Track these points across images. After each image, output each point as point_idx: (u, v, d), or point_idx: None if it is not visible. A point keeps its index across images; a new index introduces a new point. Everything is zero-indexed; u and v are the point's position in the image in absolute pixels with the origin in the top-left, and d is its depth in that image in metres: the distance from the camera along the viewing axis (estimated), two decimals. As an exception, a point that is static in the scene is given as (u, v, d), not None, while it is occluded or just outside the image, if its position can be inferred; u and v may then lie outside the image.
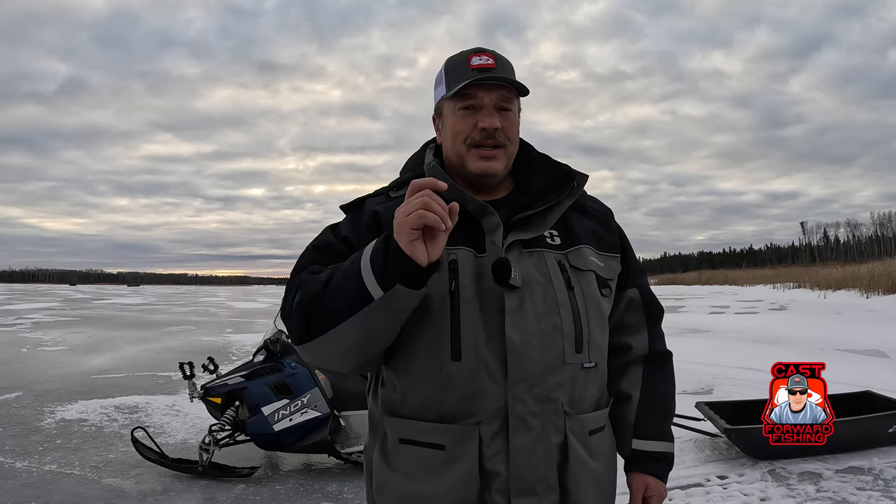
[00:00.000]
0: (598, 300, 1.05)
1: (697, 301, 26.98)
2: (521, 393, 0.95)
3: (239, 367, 4.00)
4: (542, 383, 0.96)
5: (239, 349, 10.28)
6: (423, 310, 0.95)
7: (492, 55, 1.05)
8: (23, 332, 13.61)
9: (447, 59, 1.09)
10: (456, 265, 0.98)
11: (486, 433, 0.95)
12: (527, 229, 1.02)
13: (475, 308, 0.96)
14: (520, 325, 0.95)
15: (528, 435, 0.95)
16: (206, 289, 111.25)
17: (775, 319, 15.54)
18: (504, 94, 1.04)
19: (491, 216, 1.02)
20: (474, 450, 0.95)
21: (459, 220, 0.96)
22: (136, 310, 24.82)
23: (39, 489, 3.47)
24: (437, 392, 0.97)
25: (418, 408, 0.99)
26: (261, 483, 3.62)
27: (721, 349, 9.40)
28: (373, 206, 1.07)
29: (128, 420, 5.10)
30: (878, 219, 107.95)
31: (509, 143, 1.06)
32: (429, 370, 0.97)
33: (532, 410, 0.96)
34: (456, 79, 1.03)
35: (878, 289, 22.37)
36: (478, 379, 0.95)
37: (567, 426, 0.99)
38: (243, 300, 38.27)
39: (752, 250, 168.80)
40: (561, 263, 1.02)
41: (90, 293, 56.04)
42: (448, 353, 0.95)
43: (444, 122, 1.08)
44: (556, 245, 1.04)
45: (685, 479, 3.54)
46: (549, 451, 0.97)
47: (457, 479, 0.95)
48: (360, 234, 1.03)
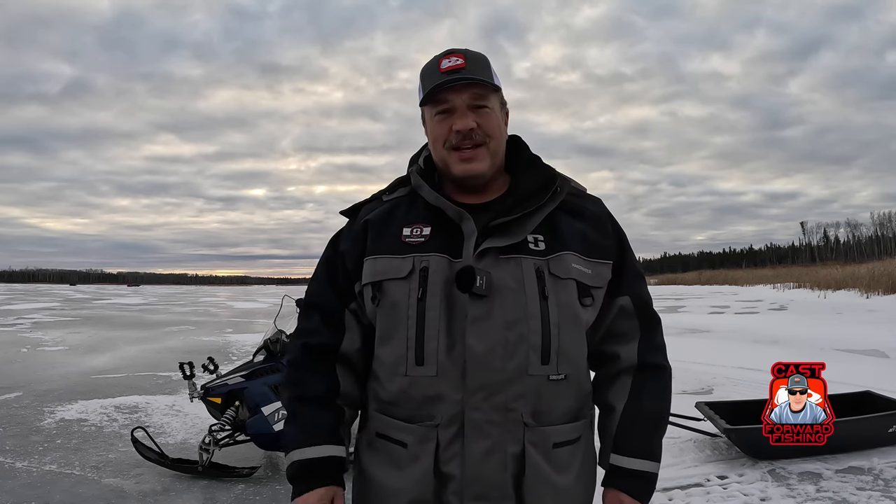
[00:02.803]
0: (574, 310, 1.02)
1: (697, 301, 26.98)
2: (479, 401, 0.96)
3: (239, 367, 4.00)
4: (502, 392, 0.97)
5: (239, 349, 10.27)
6: (393, 316, 1.01)
7: (462, 55, 1.05)
8: (23, 332, 13.60)
9: (423, 66, 1.10)
10: (426, 272, 1.00)
11: (443, 437, 0.98)
12: (504, 235, 1.01)
13: (441, 315, 0.98)
14: (482, 334, 0.96)
15: (484, 443, 0.97)
16: (206, 289, 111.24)
17: (775, 319, 15.54)
18: (477, 93, 1.04)
19: (467, 222, 1.02)
20: (431, 451, 0.98)
21: (440, 224, 1.04)
22: (136, 310, 24.82)
23: (39, 489, 3.47)
24: (403, 393, 1.01)
25: (390, 405, 1.04)
26: (261, 483, 3.62)
27: (721, 349, 9.39)
28: (365, 216, 1.12)
29: (128, 420, 5.10)
30: (878, 219, 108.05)
31: (490, 140, 1.06)
32: (397, 372, 1.01)
33: (490, 419, 0.97)
34: (428, 84, 1.05)
35: (878, 289, 22.37)
36: (437, 384, 0.98)
37: (526, 437, 0.98)
38: (243, 300, 38.26)
39: (752, 250, 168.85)
40: (539, 270, 1.00)
41: (90, 293, 56.03)
42: (413, 358, 0.99)
43: (427, 128, 1.11)
44: (539, 251, 1.02)
45: (685, 479, 3.54)
46: (505, 461, 0.98)
47: (415, 477, 0.99)
48: (351, 247, 1.10)
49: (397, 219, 1.08)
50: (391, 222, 1.08)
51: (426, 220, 1.06)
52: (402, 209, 1.09)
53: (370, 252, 1.06)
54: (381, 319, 1.04)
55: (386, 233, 1.07)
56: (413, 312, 0.99)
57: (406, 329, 0.99)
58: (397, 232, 1.06)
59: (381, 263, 1.04)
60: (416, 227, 1.05)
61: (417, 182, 1.10)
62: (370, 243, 1.07)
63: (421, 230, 1.04)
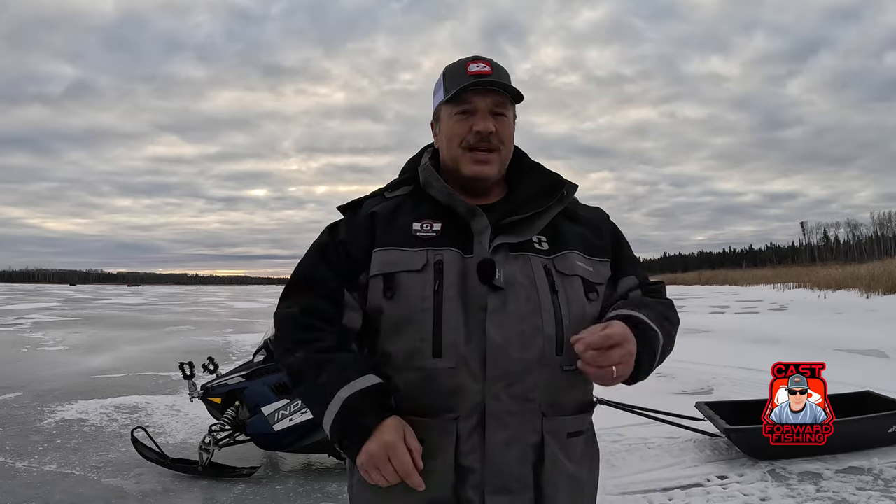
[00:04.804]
0: (582, 304, 1.05)
1: (697, 301, 26.97)
2: (499, 391, 0.97)
3: (239, 367, 4.00)
4: (521, 383, 0.98)
5: (239, 349, 10.28)
6: (407, 308, 1.00)
7: (488, 63, 1.09)
8: (23, 332, 13.60)
9: (446, 67, 1.13)
10: (441, 265, 1.01)
11: (463, 429, 0.97)
12: (514, 233, 1.04)
13: (458, 307, 0.99)
14: (501, 325, 0.98)
15: (504, 433, 0.97)
16: (206, 289, 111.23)
17: (775, 319, 15.55)
18: (499, 100, 1.07)
19: (479, 218, 1.05)
20: (452, 445, 0.97)
21: (449, 221, 1.05)
22: (136, 310, 24.82)
23: (39, 489, 3.47)
24: (419, 387, 0.99)
25: (402, 401, 1.01)
26: (261, 483, 3.62)
27: (721, 349, 9.40)
28: (370, 208, 1.11)
29: (128, 420, 5.10)
30: (877, 219, 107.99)
31: (503, 147, 1.09)
32: (412, 366, 1.00)
33: (509, 409, 0.97)
34: (453, 84, 1.07)
35: (878, 289, 22.36)
36: (457, 376, 0.97)
37: (544, 427, 1.00)
38: (243, 300, 38.28)
39: (752, 250, 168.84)
40: (546, 268, 1.04)
41: (90, 293, 56.02)
42: (430, 350, 0.98)
43: (441, 126, 1.12)
44: (543, 250, 1.06)
45: (685, 479, 3.54)
46: (525, 451, 0.98)
47: (434, 474, 0.96)
48: (356, 236, 1.08)
49: (404, 214, 1.09)
50: (399, 217, 1.08)
51: (436, 216, 1.07)
52: (408, 206, 1.10)
53: (380, 244, 1.05)
54: (392, 313, 1.01)
55: (394, 226, 1.07)
56: (429, 305, 0.99)
57: (422, 322, 0.99)
58: (407, 226, 1.06)
59: (393, 255, 1.04)
60: (427, 223, 1.07)
61: (427, 179, 1.11)
62: (379, 234, 1.06)
63: (431, 225, 1.06)
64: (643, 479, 3.56)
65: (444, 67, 1.13)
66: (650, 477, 3.58)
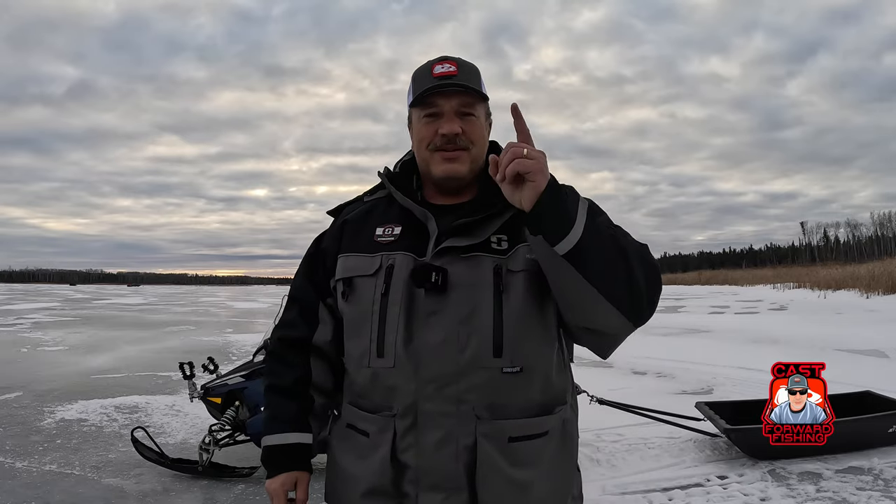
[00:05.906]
0: (532, 303, 1.02)
1: (697, 301, 26.99)
2: (432, 392, 1.00)
3: (239, 367, 4.00)
4: (454, 384, 1.00)
5: (239, 349, 10.28)
6: (360, 311, 1.07)
7: (455, 62, 1.09)
8: (23, 332, 13.61)
9: (415, 70, 1.14)
10: (392, 270, 1.05)
11: (400, 427, 1.02)
12: (466, 235, 1.04)
13: (401, 310, 1.03)
14: (435, 328, 1.00)
15: (437, 433, 1.00)
16: (206, 289, 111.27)
17: (775, 319, 15.54)
18: (465, 100, 1.08)
19: (431, 222, 1.07)
20: (389, 440, 1.02)
21: (409, 224, 1.09)
22: (136, 310, 24.83)
23: (39, 489, 3.47)
24: (367, 384, 1.06)
25: (358, 397, 1.09)
26: (261, 483, 3.62)
27: (721, 349, 9.40)
28: (345, 216, 1.19)
29: (128, 420, 5.10)
30: (877, 219, 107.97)
31: (472, 146, 1.10)
32: (362, 364, 1.06)
33: (442, 410, 1.00)
34: (419, 87, 1.09)
35: (878, 289, 22.38)
36: (394, 376, 1.02)
37: (478, 430, 0.99)
38: (244, 300, 38.29)
39: (752, 250, 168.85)
40: (497, 268, 1.02)
41: (90, 293, 56.05)
42: (375, 350, 1.04)
43: (413, 129, 1.15)
44: (501, 250, 1.04)
45: (685, 479, 3.54)
46: (457, 452, 1.00)
47: (375, 466, 1.03)
48: (329, 245, 1.17)
49: (373, 219, 1.14)
50: (367, 222, 1.15)
51: (398, 220, 1.11)
52: (379, 209, 1.16)
53: (344, 250, 1.14)
54: (350, 314, 1.10)
55: (361, 232, 1.14)
56: (377, 307, 1.04)
57: (370, 323, 1.05)
58: (371, 231, 1.12)
59: (351, 261, 1.11)
60: (388, 227, 1.11)
61: (388, 184, 1.15)
62: (345, 242, 1.15)
63: (392, 230, 1.11)
64: (643, 479, 3.56)
65: (414, 70, 1.14)
66: (650, 477, 3.58)
